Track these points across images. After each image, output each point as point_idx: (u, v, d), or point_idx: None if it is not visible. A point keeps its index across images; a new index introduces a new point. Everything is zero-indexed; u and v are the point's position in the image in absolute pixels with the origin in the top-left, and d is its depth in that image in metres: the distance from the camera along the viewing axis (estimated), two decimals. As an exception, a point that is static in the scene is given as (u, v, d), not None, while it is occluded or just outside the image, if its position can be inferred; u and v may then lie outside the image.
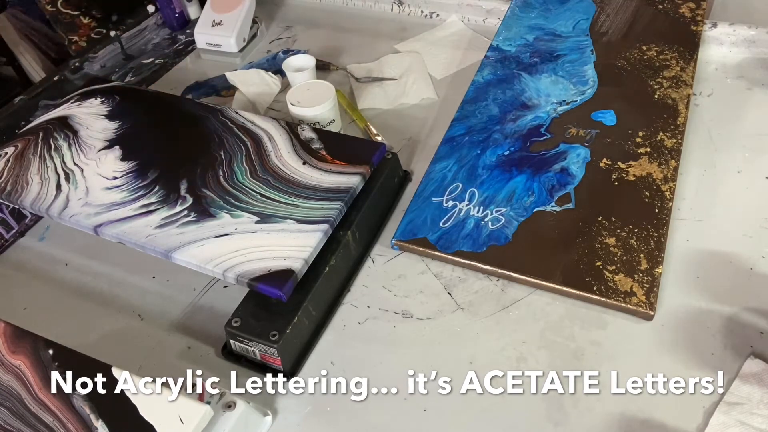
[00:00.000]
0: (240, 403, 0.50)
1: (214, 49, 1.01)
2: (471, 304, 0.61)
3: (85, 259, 0.71)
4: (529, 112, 0.77)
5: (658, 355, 0.55)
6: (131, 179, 0.67)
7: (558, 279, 0.60)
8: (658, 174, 0.67)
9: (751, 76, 0.83)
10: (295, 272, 0.56)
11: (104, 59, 1.03)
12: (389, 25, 1.03)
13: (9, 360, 0.52)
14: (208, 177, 0.66)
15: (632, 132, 0.72)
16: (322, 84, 0.81)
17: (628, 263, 0.60)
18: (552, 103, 0.77)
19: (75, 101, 0.80)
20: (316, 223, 0.60)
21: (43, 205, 0.66)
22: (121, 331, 0.63)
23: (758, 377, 0.52)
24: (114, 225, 0.62)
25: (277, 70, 0.93)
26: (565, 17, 0.91)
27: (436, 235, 0.65)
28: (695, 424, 0.51)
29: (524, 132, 0.74)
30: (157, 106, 0.80)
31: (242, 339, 0.56)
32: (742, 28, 0.86)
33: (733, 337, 0.56)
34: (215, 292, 0.65)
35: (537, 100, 0.78)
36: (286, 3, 1.13)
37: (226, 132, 0.72)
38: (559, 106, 0.77)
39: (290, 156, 0.68)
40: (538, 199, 0.66)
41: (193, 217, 0.62)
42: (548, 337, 0.58)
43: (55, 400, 0.49)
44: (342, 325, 0.61)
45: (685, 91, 0.77)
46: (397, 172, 0.73)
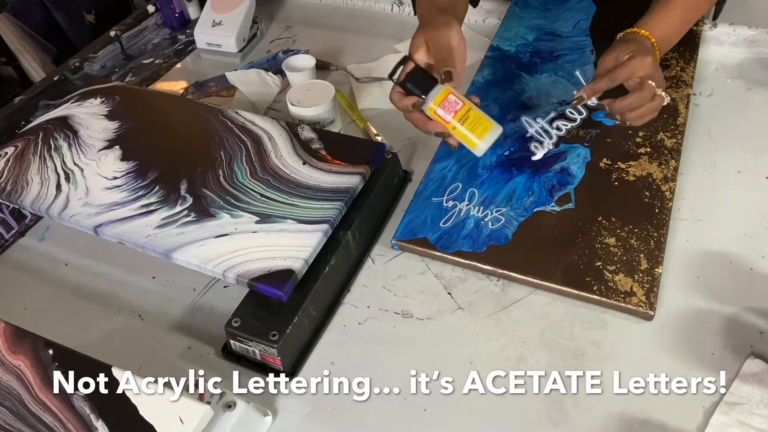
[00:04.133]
0: (240, 403, 0.50)
1: (214, 49, 1.01)
2: (471, 304, 0.61)
3: (85, 259, 0.71)
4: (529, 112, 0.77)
5: (658, 355, 0.55)
6: (131, 179, 0.67)
7: (558, 279, 0.60)
8: (658, 174, 0.67)
9: (751, 76, 0.83)
10: (295, 272, 0.56)
11: (104, 59, 1.03)
12: (389, 25, 1.03)
13: (9, 360, 0.52)
14: (208, 177, 0.66)
15: (632, 132, 0.72)
16: (322, 84, 0.81)
17: (628, 263, 0.60)
18: (552, 103, 0.77)
19: (75, 101, 0.80)
20: (316, 223, 0.60)
21: (43, 205, 0.66)
22: (121, 331, 0.63)
23: (758, 377, 0.52)
24: (114, 225, 0.62)
25: (277, 70, 0.93)
26: (565, 17, 0.91)
27: (436, 235, 0.65)
28: (695, 424, 0.51)
29: (524, 132, 0.74)
30: (157, 106, 0.80)
31: (242, 339, 0.56)
32: (742, 28, 0.86)
33: (733, 337, 0.56)
34: (215, 292, 0.65)
35: (537, 100, 0.78)
36: (286, 3, 1.13)
37: (226, 132, 0.72)
38: (559, 106, 0.77)
39: (290, 156, 0.68)
40: (538, 199, 0.66)
41: (193, 217, 0.62)
42: (548, 337, 0.58)
43: (55, 400, 0.49)
44: (342, 325, 0.61)
45: (685, 91, 0.77)
46: (397, 172, 0.73)
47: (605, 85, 0.65)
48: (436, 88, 0.62)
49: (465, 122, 0.61)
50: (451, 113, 0.61)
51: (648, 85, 0.64)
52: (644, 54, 0.64)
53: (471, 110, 0.62)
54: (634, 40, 0.66)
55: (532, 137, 0.72)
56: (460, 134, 0.62)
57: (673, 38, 0.71)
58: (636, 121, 0.67)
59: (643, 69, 0.64)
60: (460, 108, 0.61)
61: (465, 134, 0.62)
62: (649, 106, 0.66)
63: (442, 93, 0.61)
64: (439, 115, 0.62)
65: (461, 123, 0.61)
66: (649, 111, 0.67)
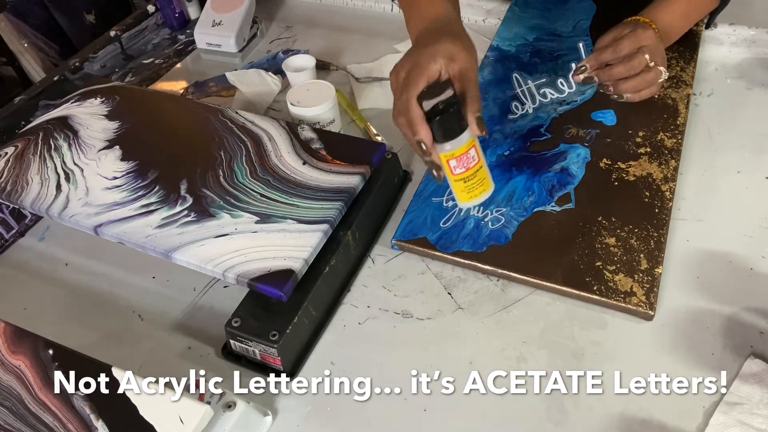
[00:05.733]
0: (240, 403, 0.50)
1: (214, 49, 1.01)
2: (471, 304, 0.61)
3: (85, 259, 0.71)
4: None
5: (658, 355, 0.56)
6: (131, 179, 0.67)
7: (558, 279, 0.60)
8: (658, 174, 0.67)
9: (751, 76, 0.83)
10: (295, 272, 0.56)
11: (104, 59, 1.03)
12: (389, 25, 1.03)
13: (9, 360, 0.52)
14: (208, 177, 0.66)
15: (632, 132, 0.72)
16: (322, 84, 0.81)
17: (628, 263, 0.60)
18: (552, 103, 0.77)
19: (75, 101, 0.80)
20: (316, 223, 0.60)
21: (43, 205, 0.66)
22: (121, 331, 0.63)
23: (758, 377, 0.52)
24: (114, 225, 0.62)
25: (277, 70, 0.93)
26: (565, 17, 0.91)
27: (436, 235, 0.65)
28: (695, 424, 0.51)
29: (524, 132, 0.74)
30: (157, 106, 0.80)
31: (242, 339, 0.56)
32: (742, 28, 0.86)
33: (733, 337, 0.56)
34: (215, 292, 0.65)
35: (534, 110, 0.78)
36: (286, 3, 1.13)
37: (226, 132, 0.72)
38: (559, 106, 0.77)
39: (290, 156, 0.68)
40: (538, 199, 0.66)
41: (193, 217, 0.62)
42: (548, 337, 0.58)
43: (55, 400, 0.49)
44: (342, 325, 0.61)
45: (685, 91, 0.77)
46: (397, 172, 0.73)
47: (610, 56, 0.64)
48: (461, 138, 0.55)
49: (469, 181, 0.57)
50: (462, 169, 0.56)
51: (639, 55, 0.63)
52: (646, 29, 0.63)
53: (481, 170, 0.57)
54: (635, 23, 0.66)
55: (516, 96, 0.71)
56: (457, 186, 0.58)
57: (674, 32, 0.71)
58: (633, 94, 0.66)
59: (648, 40, 0.63)
60: (473, 166, 0.56)
61: (461, 190, 0.58)
62: (645, 78, 0.65)
63: (466, 146, 0.55)
64: (450, 166, 0.56)
65: (465, 181, 0.57)
66: (645, 83, 0.65)
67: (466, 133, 0.56)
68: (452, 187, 0.60)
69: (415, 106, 0.55)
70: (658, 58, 0.64)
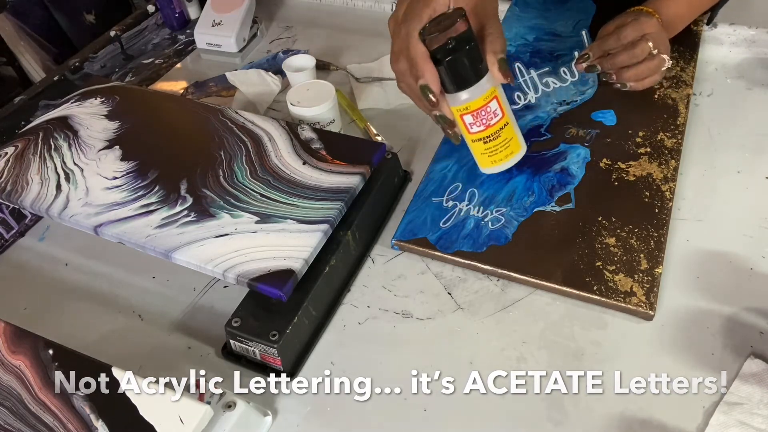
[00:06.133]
0: (240, 403, 0.50)
1: (214, 49, 1.01)
2: (471, 304, 0.61)
3: (85, 259, 0.71)
4: (529, 113, 0.77)
5: (658, 355, 0.55)
6: (131, 179, 0.67)
7: (558, 279, 0.60)
8: (658, 174, 0.67)
9: (751, 76, 0.83)
10: (295, 272, 0.56)
11: (104, 59, 1.03)
12: (389, 25, 1.03)
13: (9, 360, 0.52)
14: (208, 177, 0.66)
15: (632, 132, 0.72)
16: (322, 84, 0.81)
17: (628, 263, 0.60)
18: (552, 103, 0.77)
19: (75, 101, 0.80)
20: (316, 223, 0.60)
21: (43, 205, 0.66)
22: (121, 331, 0.63)
23: (758, 377, 0.52)
24: (114, 225, 0.62)
25: (277, 70, 0.93)
26: (565, 17, 0.91)
27: (436, 235, 0.65)
28: (695, 424, 0.51)
29: (524, 132, 0.74)
30: (157, 106, 0.80)
31: (242, 339, 0.56)
32: (742, 28, 0.86)
33: (733, 337, 0.56)
34: (215, 292, 0.65)
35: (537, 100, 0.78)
36: (286, 3, 1.13)
37: (226, 132, 0.72)
38: (559, 106, 0.77)
39: (290, 156, 0.68)
40: (538, 199, 0.66)
41: (193, 217, 0.62)
42: (548, 337, 0.58)
43: (55, 400, 0.49)
44: (342, 325, 0.61)
45: (685, 91, 0.77)
46: (397, 172, 0.73)
47: (613, 43, 0.63)
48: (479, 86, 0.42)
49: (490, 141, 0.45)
50: (481, 126, 0.44)
51: (643, 43, 0.62)
52: (649, 17, 0.63)
53: (506, 127, 0.45)
54: (638, 12, 0.66)
55: (518, 86, 0.71)
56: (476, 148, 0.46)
57: (678, 22, 0.70)
58: (636, 83, 0.65)
59: (651, 28, 0.62)
60: (495, 123, 0.43)
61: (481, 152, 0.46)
62: (648, 65, 0.64)
63: (485, 96, 0.42)
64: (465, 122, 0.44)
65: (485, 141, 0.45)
66: (648, 71, 0.64)
67: (486, 80, 0.44)
68: (472, 152, 0.48)
69: (416, 41, 0.44)
70: (661, 46, 0.63)
